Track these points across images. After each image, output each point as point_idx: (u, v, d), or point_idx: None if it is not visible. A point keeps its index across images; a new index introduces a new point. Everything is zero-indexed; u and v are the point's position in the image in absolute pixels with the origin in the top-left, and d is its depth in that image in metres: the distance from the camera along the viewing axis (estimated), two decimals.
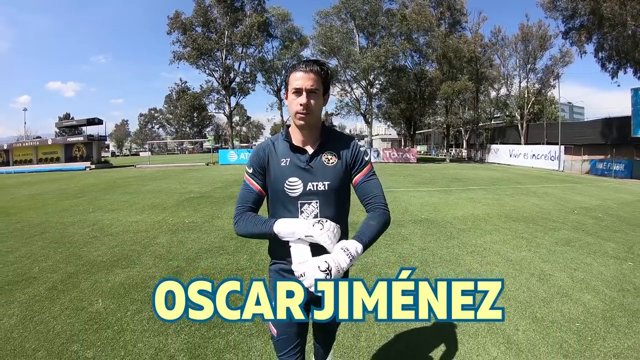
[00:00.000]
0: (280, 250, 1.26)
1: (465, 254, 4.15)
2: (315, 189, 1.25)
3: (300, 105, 1.21)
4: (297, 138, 1.30)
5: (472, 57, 27.19)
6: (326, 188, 1.25)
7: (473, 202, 7.94)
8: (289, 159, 1.27)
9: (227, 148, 32.93)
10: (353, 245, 1.12)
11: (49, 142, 27.29)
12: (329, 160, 1.28)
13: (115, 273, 3.52)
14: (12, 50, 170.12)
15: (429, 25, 25.36)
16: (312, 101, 1.22)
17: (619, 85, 21.86)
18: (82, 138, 26.11)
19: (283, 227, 1.16)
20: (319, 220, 1.15)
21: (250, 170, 1.30)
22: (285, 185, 1.25)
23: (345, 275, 1.26)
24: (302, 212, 1.25)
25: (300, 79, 1.21)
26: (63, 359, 2.15)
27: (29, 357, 2.19)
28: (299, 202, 1.24)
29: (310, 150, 1.28)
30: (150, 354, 2.20)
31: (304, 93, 1.20)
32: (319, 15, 27.17)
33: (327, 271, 1.07)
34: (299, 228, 1.15)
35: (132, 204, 7.77)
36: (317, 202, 1.25)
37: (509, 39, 29.70)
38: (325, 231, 1.12)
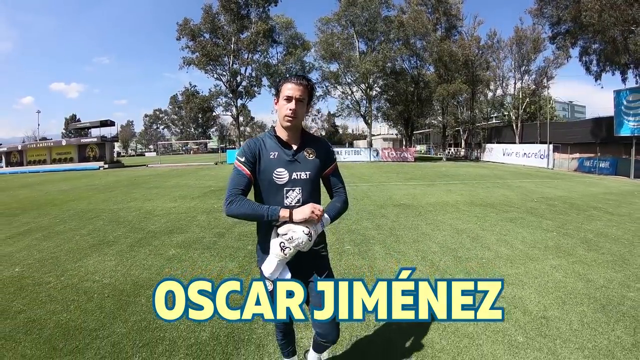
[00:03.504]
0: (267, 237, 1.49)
1: (424, 225, 5.49)
2: (298, 177, 1.48)
3: (290, 110, 1.44)
4: (283, 137, 1.53)
5: (467, 60, 28.32)
6: (307, 177, 1.50)
7: (449, 193, 9.16)
8: (277, 153, 1.49)
9: (234, 148, 34.37)
10: (325, 218, 1.48)
11: (63, 143, 28.59)
12: (309, 154, 1.53)
13: (174, 236, 4.91)
14: (15, 51, 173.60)
15: (425, 30, 26.55)
16: (299, 108, 1.46)
17: (602, 87, 23.02)
18: (95, 139, 27.37)
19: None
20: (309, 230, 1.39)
21: (243, 159, 1.47)
22: (274, 174, 1.46)
23: (322, 239, 1.60)
24: (287, 197, 1.47)
25: (291, 89, 1.45)
26: (161, 274, 3.50)
27: (136, 277, 3.47)
28: (285, 189, 1.47)
29: (294, 146, 1.52)
30: (217, 271, 3.57)
31: (294, 101, 1.44)
32: (321, 22, 28.63)
33: (309, 235, 1.38)
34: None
35: (163, 196, 9.08)
36: (299, 189, 1.48)
37: (504, 41, 30.77)
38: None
